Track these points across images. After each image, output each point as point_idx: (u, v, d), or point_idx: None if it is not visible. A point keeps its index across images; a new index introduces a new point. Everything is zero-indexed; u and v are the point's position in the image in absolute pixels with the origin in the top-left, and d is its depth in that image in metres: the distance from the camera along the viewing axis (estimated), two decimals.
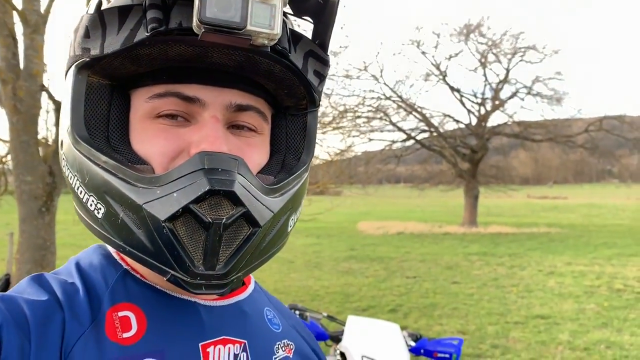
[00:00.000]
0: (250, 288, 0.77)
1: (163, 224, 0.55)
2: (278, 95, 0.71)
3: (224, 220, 0.56)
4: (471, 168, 21.12)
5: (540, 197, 52.22)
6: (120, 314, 0.62)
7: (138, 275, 0.67)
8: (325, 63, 0.69)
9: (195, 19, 0.54)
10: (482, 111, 22.39)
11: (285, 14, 0.66)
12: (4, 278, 6.26)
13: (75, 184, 0.63)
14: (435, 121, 21.82)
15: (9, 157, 8.05)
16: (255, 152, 0.67)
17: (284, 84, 0.68)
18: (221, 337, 0.66)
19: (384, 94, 19.68)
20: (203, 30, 0.54)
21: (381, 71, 19.61)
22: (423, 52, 21.16)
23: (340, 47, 7.94)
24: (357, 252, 14.63)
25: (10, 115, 6.15)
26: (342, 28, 7.57)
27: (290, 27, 0.66)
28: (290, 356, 0.74)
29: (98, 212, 0.61)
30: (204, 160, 0.57)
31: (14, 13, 5.92)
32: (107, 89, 0.64)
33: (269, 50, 0.61)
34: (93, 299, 0.63)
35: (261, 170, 0.69)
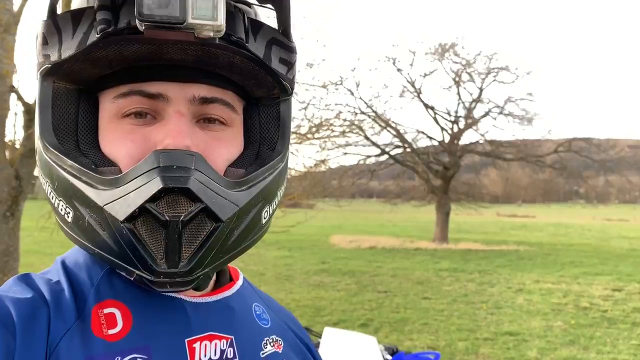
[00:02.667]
0: (238, 284, 0.77)
1: (122, 225, 0.56)
2: (247, 86, 0.70)
3: (181, 217, 0.56)
4: (443, 185, 21.33)
5: (509, 215, 53.06)
6: (106, 310, 0.62)
7: (123, 273, 0.66)
8: (290, 50, 0.68)
9: (136, 15, 0.54)
10: (455, 129, 22.72)
11: (247, 3, 0.66)
12: None
13: (47, 189, 0.64)
14: (409, 137, 22.04)
15: None
16: (224, 146, 0.66)
17: (248, 74, 0.67)
18: (207, 333, 0.66)
19: (359, 109, 19.81)
20: (144, 27, 0.54)
21: (357, 86, 19.65)
22: (399, 69, 21.40)
23: (319, 60, 7.95)
24: (328, 266, 14.58)
25: None
26: (317, 41, 7.55)
27: (250, 17, 0.65)
28: (280, 351, 0.74)
29: (67, 216, 0.61)
30: (159, 158, 0.57)
31: None
32: (75, 93, 0.65)
33: (224, 41, 0.60)
34: (78, 296, 0.63)
35: (235, 163, 0.68)
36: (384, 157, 21.94)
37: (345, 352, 1.99)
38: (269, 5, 0.67)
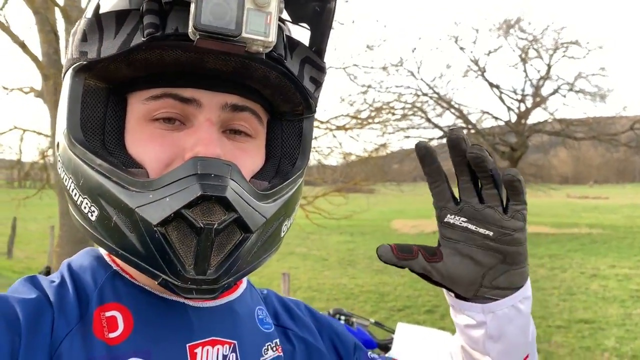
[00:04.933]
0: (242, 287, 0.77)
1: (155, 228, 0.56)
2: (274, 101, 0.71)
3: (215, 226, 0.57)
4: (510, 166, 20.59)
5: (580, 196, 50.77)
6: (108, 313, 0.62)
7: (127, 277, 0.67)
8: (321, 70, 0.69)
9: (190, 25, 0.54)
10: (522, 108, 21.88)
11: (281, 20, 0.67)
12: (45, 270, 6.38)
13: (70, 185, 0.63)
14: (472, 118, 21.41)
15: (50, 151, 8.21)
16: (249, 157, 0.67)
17: (280, 90, 0.68)
18: (210, 338, 0.66)
19: (421, 90, 19.40)
20: (198, 36, 0.54)
21: (418, 67, 19.23)
22: (461, 48, 20.78)
23: (379, 41, 7.76)
24: None
25: (52, 110, 6.24)
26: (377, 21, 7.38)
27: (287, 34, 0.66)
28: (282, 355, 0.74)
29: (92, 215, 0.61)
30: (197, 165, 0.58)
31: (56, 9, 5.99)
32: (104, 92, 0.65)
33: (265, 57, 0.61)
34: (82, 299, 0.63)
35: (256, 175, 0.69)
36: (445, 139, 21.42)
37: (421, 349, 1.91)
38: (305, 25, 0.68)
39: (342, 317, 2.33)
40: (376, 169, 10.74)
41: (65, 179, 0.64)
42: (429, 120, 19.12)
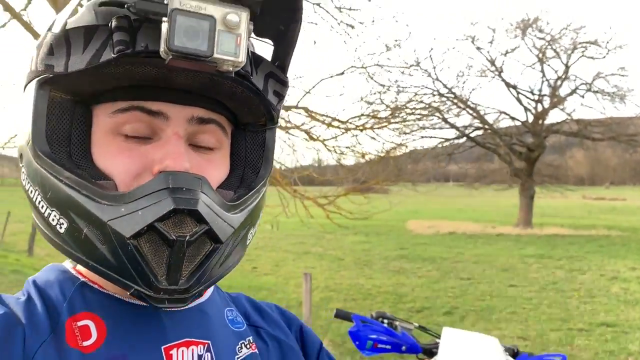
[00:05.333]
0: (210, 291, 0.78)
1: (128, 241, 0.57)
2: (238, 113, 0.72)
3: (187, 238, 0.58)
4: (527, 167, 20.46)
5: (596, 198, 50.26)
6: (80, 323, 0.63)
7: (96, 286, 0.67)
8: (284, 84, 0.71)
9: (163, 46, 0.55)
10: (539, 108, 21.65)
11: None
12: None
13: (37, 198, 0.63)
14: (489, 118, 21.23)
15: None
16: (215, 168, 0.69)
17: (245, 103, 0.69)
18: (184, 340, 0.67)
19: (437, 91, 19.29)
20: (171, 57, 0.56)
21: (434, 67, 19.10)
22: (478, 48, 20.62)
23: (400, 40, 7.73)
24: (407, 252, 14.41)
25: None
26: (396, 21, 7.34)
27: (252, 50, 0.68)
28: (256, 352, 0.75)
29: (60, 227, 0.61)
30: (168, 179, 0.58)
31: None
32: (69, 104, 0.65)
33: (233, 74, 0.62)
34: (51, 311, 0.64)
35: (221, 185, 0.70)
36: (461, 140, 21.28)
37: (466, 353, 1.87)
38: (269, 40, 0.70)
39: (386, 321, 2.28)
40: (395, 169, 10.68)
41: (31, 191, 0.64)
42: (445, 120, 19.01)
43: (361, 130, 7.28)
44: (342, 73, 7.24)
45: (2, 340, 0.58)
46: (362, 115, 7.81)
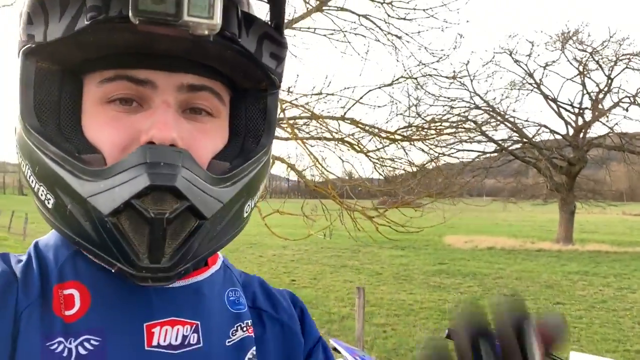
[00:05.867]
0: (213, 269, 0.74)
1: (106, 219, 0.55)
2: (234, 78, 0.69)
3: (167, 215, 0.55)
4: (568, 181, 19.95)
5: (636, 214, 48.77)
6: (66, 291, 0.62)
7: (89, 256, 0.65)
8: (281, 45, 0.67)
9: (130, 9, 0.52)
10: (580, 121, 21.13)
11: None
12: None
13: (27, 172, 0.62)
14: (528, 132, 20.81)
15: None
16: (209, 138, 0.65)
17: (238, 67, 0.66)
18: (170, 319, 0.65)
19: (474, 103, 19.04)
20: (138, 21, 0.53)
21: (471, 80, 18.86)
22: (516, 61, 20.31)
23: (442, 51, 7.59)
24: (447, 267, 14.14)
25: None
26: (442, 31, 7.26)
27: (243, 9, 0.63)
28: (252, 336, 0.73)
29: (48, 202, 0.60)
30: (146, 153, 0.56)
31: None
32: (58, 75, 0.63)
33: (217, 36, 0.58)
34: (43, 275, 0.64)
35: (218, 155, 0.66)
36: (495, 154, 20.85)
37: None
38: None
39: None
40: (445, 182, 10.50)
41: (23, 165, 0.63)
42: (483, 133, 18.68)
43: (410, 142, 7.18)
44: (391, 84, 7.16)
45: (1, 296, 0.59)
46: (412, 126, 7.71)
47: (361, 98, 6.67)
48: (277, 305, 0.80)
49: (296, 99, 6.47)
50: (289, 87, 6.22)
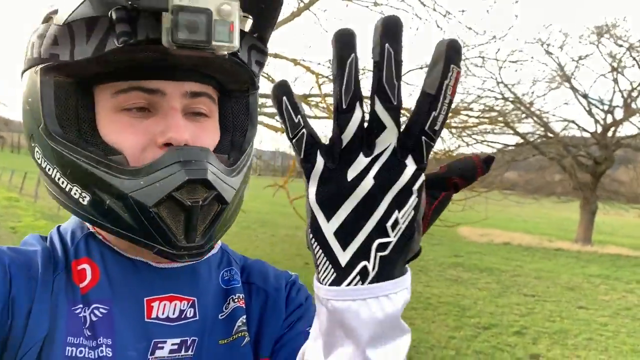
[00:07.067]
0: (210, 253, 0.82)
1: (150, 209, 0.65)
2: (225, 82, 0.79)
3: (200, 203, 0.67)
4: (592, 180, 19.39)
5: None
6: (80, 266, 0.73)
7: (100, 237, 0.76)
8: (264, 53, 0.78)
9: (166, 38, 0.61)
10: (609, 119, 20.47)
11: None
12: None
13: (55, 175, 0.70)
14: (556, 127, 20.18)
15: None
16: (209, 135, 0.75)
17: (232, 74, 0.76)
18: (168, 295, 0.74)
19: (501, 94, 18.46)
20: (175, 47, 0.62)
21: (500, 69, 18.21)
22: (548, 52, 19.61)
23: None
24: (462, 260, 13.77)
25: None
26: (487, 12, 6.77)
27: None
28: (243, 306, 0.82)
29: (83, 200, 0.69)
30: (178, 153, 0.67)
31: None
32: (72, 86, 0.71)
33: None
34: (65, 252, 0.75)
35: (215, 149, 0.75)
36: (514, 147, 20.26)
37: None
38: (248, 15, 0.73)
39: None
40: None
41: (49, 169, 0.71)
42: (508, 125, 18.10)
43: (448, 128, 6.77)
44: None
45: (45, 267, 0.71)
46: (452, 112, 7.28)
47: (404, 75, 6.23)
48: (266, 279, 0.87)
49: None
50: (329, 60, 5.81)
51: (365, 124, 0.50)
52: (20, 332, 0.66)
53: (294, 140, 0.51)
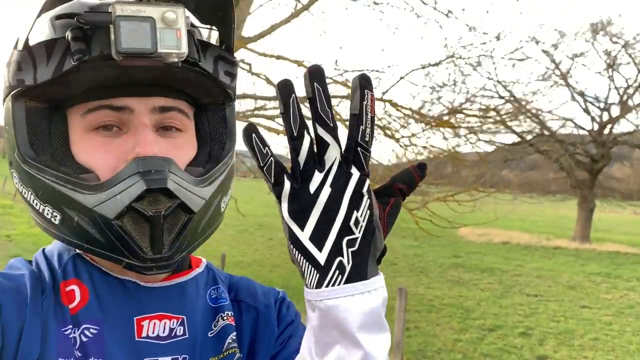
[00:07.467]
0: (196, 272, 0.83)
1: (112, 222, 0.66)
2: (197, 96, 0.78)
3: (162, 212, 0.67)
4: (590, 178, 19.37)
5: None
6: (68, 287, 0.73)
7: (88, 258, 0.76)
8: (233, 64, 0.79)
9: (113, 49, 0.63)
10: (605, 117, 20.47)
11: (193, 25, 0.77)
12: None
13: (30, 197, 0.72)
14: (552, 125, 20.15)
15: None
16: (182, 151, 0.75)
17: (200, 86, 0.76)
18: (158, 313, 0.74)
19: (497, 93, 18.43)
20: (121, 58, 0.64)
21: (495, 68, 18.20)
22: (543, 51, 19.58)
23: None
24: (462, 260, 13.71)
25: None
26: (487, 12, 6.73)
27: (198, 38, 0.75)
28: (233, 323, 0.82)
29: (55, 219, 0.70)
30: (138, 164, 0.67)
31: None
32: (46, 111, 0.72)
33: (181, 63, 0.69)
34: (52, 274, 0.74)
35: (190, 163, 0.76)
36: (515, 146, 20.20)
37: None
38: (213, 27, 0.79)
39: None
40: (490, 174, 9.99)
41: (24, 192, 0.72)
42: (504, 124, 18.08)
43: (454, 128, 6.69)
44: (438, 64, 6.64)
45: (34, 289, 0.70)
46: (457, 111, 7.22)
47: (406, 75, 6.18)
48: (255, 296, 0.87)
49: (341, 74, 5.98)
50: (336, 60, 5.74)
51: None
52: (11, 356, 0.66)
53: (264, 169, 0.61)
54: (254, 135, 0.61)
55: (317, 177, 0.60)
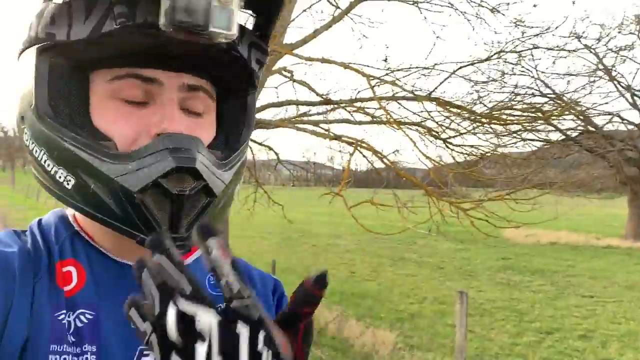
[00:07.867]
0: (195, 255, 0.81)
1: (135, 195, 0.63)
2: (224, 79, 0.77)
3: (187, 192, 0.65)
4: (639, 173, 18.71)
5: None
6: (65, 268, 0.70)
7: (87, 237, 0.73)
8: (265, 52, 0.77)
9: (163, 20, 0.61)
10: None
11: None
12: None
13: (42, 157, 0.68)
14: (598, 121, 19.56)
15: None
16: (204, 131, 0.73)
17: (230, 70, 0.75)
18: None
19: (539, 90, 18.02)
20: (171, 29, 0.61)
21: (536, 65, 17.78)
22: (586, 46, 19.05)
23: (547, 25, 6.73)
24: (511, 262, 13.39)
25: None
26: (534, 6, 6.59)
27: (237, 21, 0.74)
28: None
29: (67, 184, 0.67)
30: (168, 140, 0.65)
31: None
32: (68, 70, 0.68)
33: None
34: (48, 252, 0.71)
35: (209, 146, 0.74)
36: (560, 144, 19.64)
37: None
38: (250, 11, 0.75)
39: None
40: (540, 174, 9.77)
41: (35, 151, 0.69)
42: (548, 122, 17.66)
43: (507, 125, 6.54)
44: (488, 59, 6.52)
45: (23, 270, 0.66)
46: (510, 107, 7.06)
47: (455, 71, 6.06)
48: (252, 280, 0.86)
49: (391, 71, 5.90)
50: (386, 58, 5.68)
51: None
52: None
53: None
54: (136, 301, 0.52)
55: (202, 349, 0.48)
